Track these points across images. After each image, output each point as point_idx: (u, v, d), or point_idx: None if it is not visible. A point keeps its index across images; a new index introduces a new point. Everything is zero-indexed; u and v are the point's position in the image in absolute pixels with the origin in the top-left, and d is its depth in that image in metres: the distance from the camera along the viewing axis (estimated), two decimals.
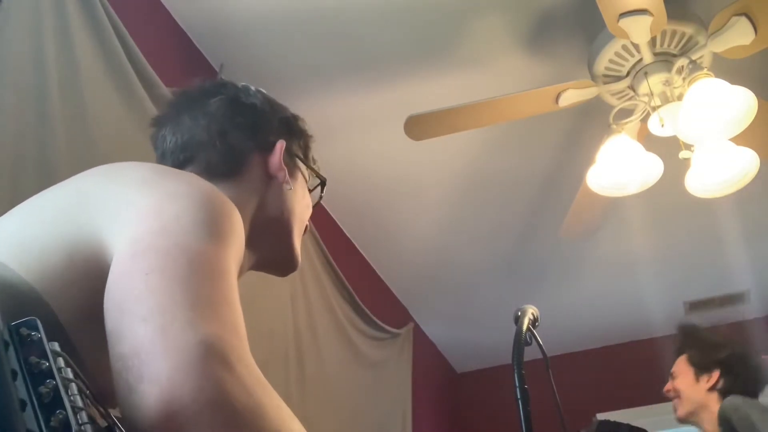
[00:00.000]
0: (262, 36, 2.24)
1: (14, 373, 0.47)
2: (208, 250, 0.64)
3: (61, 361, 0.50)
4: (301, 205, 1.06)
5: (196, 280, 0.60)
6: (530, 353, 1.11)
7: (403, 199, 2.95)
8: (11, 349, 0.48)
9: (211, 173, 0.97)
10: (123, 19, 1.81)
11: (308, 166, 1.11)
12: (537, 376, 1.23)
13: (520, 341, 1.11)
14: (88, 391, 0.52)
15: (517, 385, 1.05)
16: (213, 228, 0.67)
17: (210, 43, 2.27)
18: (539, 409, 1.08)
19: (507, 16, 2.22)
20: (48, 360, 0.49)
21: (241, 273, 0.84)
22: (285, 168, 1.02)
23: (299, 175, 1.07)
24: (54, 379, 0.48)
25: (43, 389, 0.47)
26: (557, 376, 1.17)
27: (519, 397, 1.04)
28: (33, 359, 0.49)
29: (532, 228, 3.17)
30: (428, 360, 3.88)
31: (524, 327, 1.14)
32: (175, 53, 2.20)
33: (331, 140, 2.62)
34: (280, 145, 1.04)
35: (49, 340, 0.51)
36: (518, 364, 1.06)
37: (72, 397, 0.49)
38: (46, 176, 1.45)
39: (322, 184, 1.13)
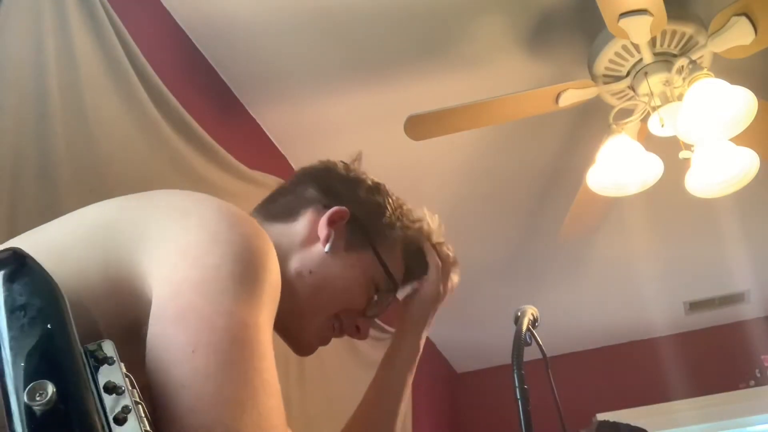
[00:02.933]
0: (262, 36, 2.24)
1: (95, 396, 0.48)
2: (247, 320, 0.63)
3: (128, 383, 0.51)
4: (340, 283, 0.98)
5: (239, 364, 0.60)
6: (530, 353, 1.11)
7: (403, 198, 2.95)
8: (88, 371, 0.49)
9: (270, 212, 1.02)
10: (123, 19, 1.81)
11: (381, 262, 1.02)
12: (537, 376, 1.23)
13: (520, 341, 1.10)
14: (149, 415, 0.53)
15: (517, 385, 1.04)
16: (252, 284, 0.66)
17: (210, 43, 2.27)
18: (539, 409, 1.08)
19: (507, 16, 2.22)
20: (123, 382, 0.50)
21: None
22: (331, 231, 0.97)
23: (359, 259, 1.00)
24: (129, 402, 0.49)
25: (120, 414, 0.48)
26: (557, 376, 1.17)
27: (519, 397, 1.04)
28: (111, 383, 0.49)
29: (532, 228, 3.17)
30: (428, 360, 3.88)
31: (524, 327, 1.14)
32: (175, 53, 2.20)
33: (331, 140, 2.61)
34: (337, 209, 0.99)
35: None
36: (518, 364, 1.05)
37: (140, 420, 0.49)
38: (46, 176, 1.45)
39: (393, 288, 1.04)
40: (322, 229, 0.98)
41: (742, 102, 1.90)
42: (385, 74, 2.39)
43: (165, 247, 0.67)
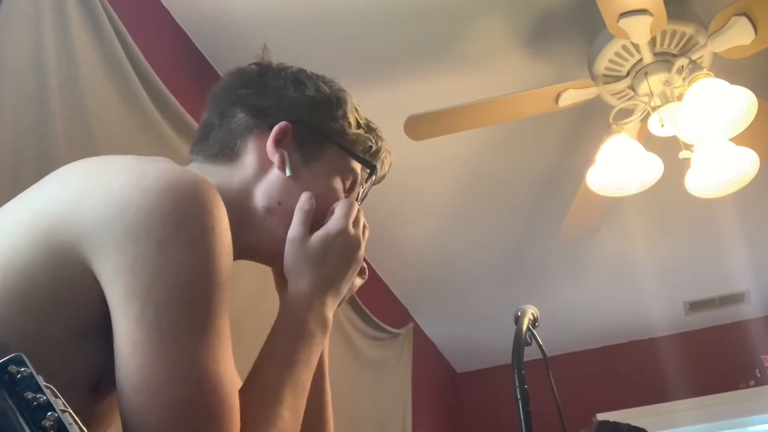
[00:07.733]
0: (262, 36, 2.24)
1: (13, 412, 0.48)
2: (205, 368, 0.65)
3: (50, 393, 0.51)
4: (318, 193, 0.90)
5: (204, 422, 0.65)
6: (530, 353, 1.11)
7: (403, 199, 2.95)
8: (3, 389, 0.49)
9: (211, 157, 0.92)
10: (123, 19, 1.81)
11: (348, 151, 0.95)
12: (537, 376, 1.24)
13: (520, 341, 1.11)
14: (78, 421, 0.54)
15: (517, 385, 1.04)
16: (205, 309, 0.66)
17: (210, 43, 2.27)
18: (539, 409, 1.08)
19: (507, 16, 2.22)
20: (44, 394, 0.50)
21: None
22: (283, 153, 0.89)
23: (323, 164, 0.93)
24: (54, 411, 0.49)
25: (46, 422, 0.49)
26: (557, 376, 1.17)
27: (519, 397, 1.04)
28: (29, 395, 0.50)
29: (532, 228, 3.17)
30: (428, 360, 3.88)
31: (524, 327, 1.14)
32: (175, 53, 2.20)
33: None
34: (278, 127, 0.90)
35: None
36: (518, 364, 1.05)
37: (70, 426, 0.50)
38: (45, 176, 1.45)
39: (371, 169, 0.97)
40: (273, 155, 0.89)
41: (742, 102, 1.91)
42: (385, 74, 2.39)
43: (113, 257, 0.66)
